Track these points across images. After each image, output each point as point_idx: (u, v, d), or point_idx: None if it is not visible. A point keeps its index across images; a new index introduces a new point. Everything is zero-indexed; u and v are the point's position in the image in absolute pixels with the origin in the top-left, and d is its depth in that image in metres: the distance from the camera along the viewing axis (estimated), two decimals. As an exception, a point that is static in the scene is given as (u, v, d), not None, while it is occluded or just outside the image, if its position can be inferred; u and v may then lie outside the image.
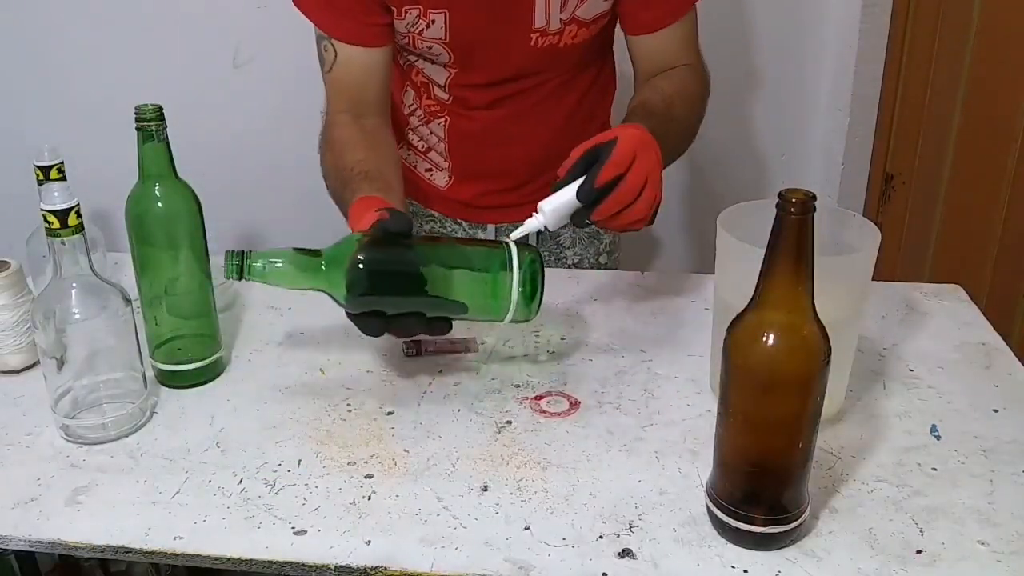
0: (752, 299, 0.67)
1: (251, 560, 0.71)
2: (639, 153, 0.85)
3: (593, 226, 0.89)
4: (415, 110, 1.22)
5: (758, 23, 1.69)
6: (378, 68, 1.09)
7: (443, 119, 1.20)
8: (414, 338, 0.92)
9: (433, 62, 1.14)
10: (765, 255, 0.65)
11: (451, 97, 1.18)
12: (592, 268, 1.32)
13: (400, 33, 1.09)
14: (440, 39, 1.08)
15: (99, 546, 0.73)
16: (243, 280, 0.81)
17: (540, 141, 1.19)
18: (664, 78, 1.09)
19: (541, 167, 1.20)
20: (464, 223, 1.30)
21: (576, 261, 1.32)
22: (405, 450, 0.84)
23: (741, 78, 1.73)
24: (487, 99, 1.16)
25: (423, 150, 1.25)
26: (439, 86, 1.17)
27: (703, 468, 0.80)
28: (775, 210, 0.63)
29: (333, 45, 1.07)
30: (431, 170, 1.26)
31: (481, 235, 1.30)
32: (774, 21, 1.69)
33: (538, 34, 1.07)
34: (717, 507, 0.71)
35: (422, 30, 1.06)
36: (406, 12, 1.05)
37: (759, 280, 0.66)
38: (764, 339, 0.66)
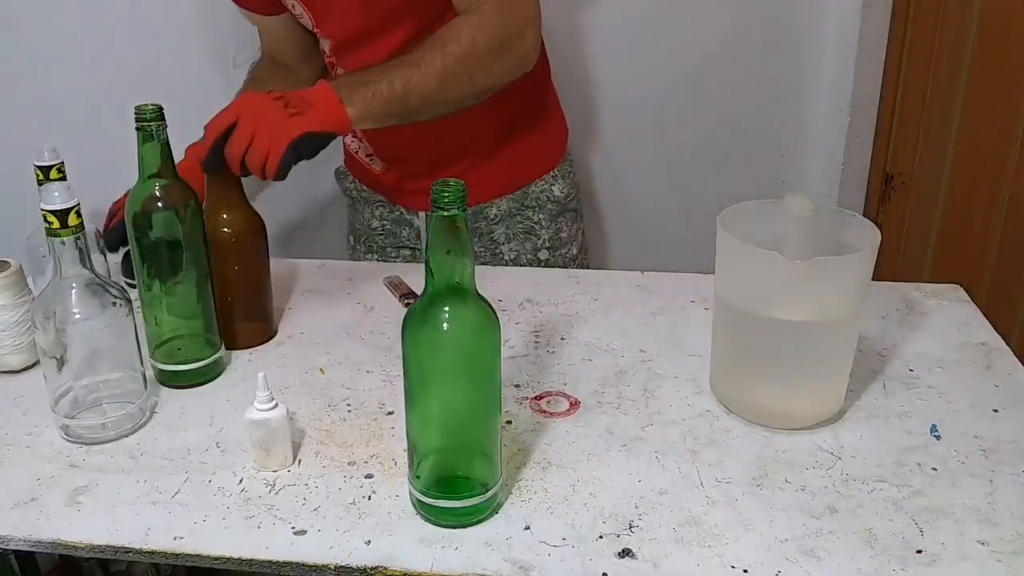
0: None
1: (251, 560, 0.71)
2: (243, 112, 0.95)
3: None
4: None
5: (758, 23, 1.69)
6: (279, 33, 1.28)
7: None
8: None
9: (312, 33, 1.22)
10: None
11: (345, 72, 1.20)
12: (531, 265, 1.31)
13: None
14: None
15: (99, 546, 0.73)
16: None
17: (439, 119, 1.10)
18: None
19: (447, 146, 1.22)
20: (402, 208, 1.35)
21: (512, 257, 1.31)
22: (405, 450, 0.84)
23: (741, 78, 1.73)
24: (368, 63, 1.14)
25: (361, 138, 1.31)
26: (331, 60, 1.22)
27: (703, 468, 0.80)
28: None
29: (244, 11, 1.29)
30: (370, 156, 1.31)
31: (417, 222, 1.34)
32: (774, 21, 1.69)
33: None
34: None
35: None
36: None
37: None
38: None
